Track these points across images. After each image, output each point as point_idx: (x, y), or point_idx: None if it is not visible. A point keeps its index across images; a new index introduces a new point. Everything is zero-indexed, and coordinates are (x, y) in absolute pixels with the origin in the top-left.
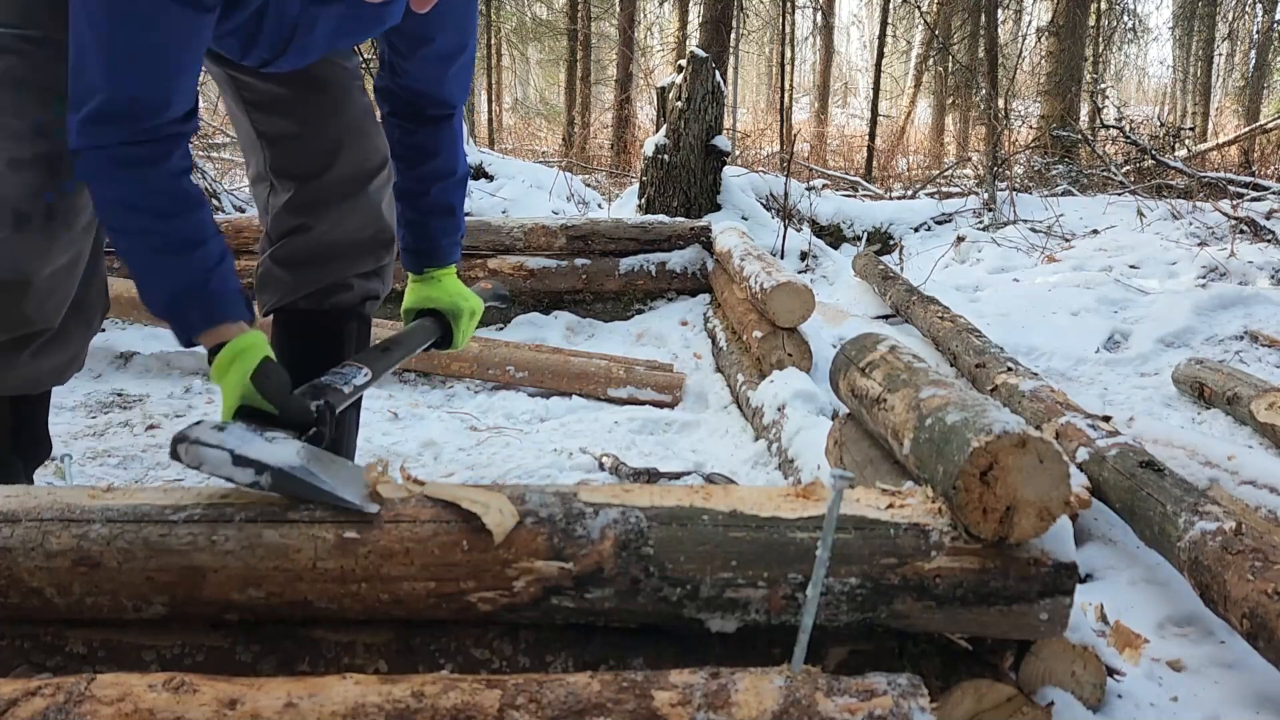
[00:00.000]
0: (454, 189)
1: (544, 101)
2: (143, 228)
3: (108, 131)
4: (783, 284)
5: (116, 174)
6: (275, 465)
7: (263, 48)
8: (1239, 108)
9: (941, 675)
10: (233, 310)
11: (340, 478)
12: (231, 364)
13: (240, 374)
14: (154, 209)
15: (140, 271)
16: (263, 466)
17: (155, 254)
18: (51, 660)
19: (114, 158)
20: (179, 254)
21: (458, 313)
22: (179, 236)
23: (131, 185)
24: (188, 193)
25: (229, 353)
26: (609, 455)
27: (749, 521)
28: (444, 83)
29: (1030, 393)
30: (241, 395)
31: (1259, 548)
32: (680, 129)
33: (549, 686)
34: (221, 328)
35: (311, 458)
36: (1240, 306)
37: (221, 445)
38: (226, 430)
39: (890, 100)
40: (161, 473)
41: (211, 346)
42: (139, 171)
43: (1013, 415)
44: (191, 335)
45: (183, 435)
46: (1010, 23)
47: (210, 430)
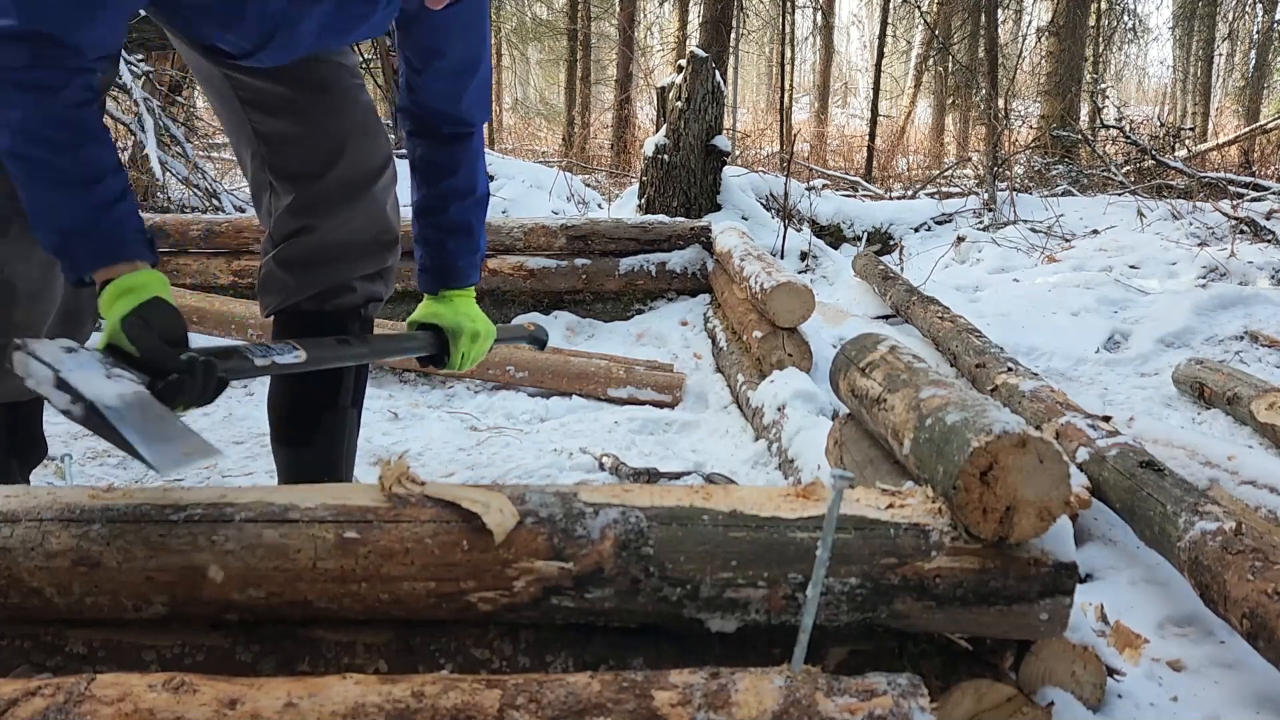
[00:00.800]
0: (473, 208)
1: (544, 101)
2: (38, 158)
3: (8, 51)
4: (783, 284)
5: (14, 96)
6: (89, 398)
7: (242, 35)
8: (1239, 108)
9: (941, 675)
10: (126, 249)
11: (158, 433)
12: (115, 300)
13: (120, 310)
14: (49, 138)
15: (33, 203)
16: (79, 396)
17: (49, 186)
18: (51, 660)
19: (10, 78)
20: (73, 187)
21: (458, 331)
22: (75, 169)
23: (28, 110)
24: (87, 125)
25: (115, 288)
26: (609, 455)
27: (749, 521)
28: (460, 100)
29: (1030, 393)
30: (111, 333)
31: (1259, 548)
32: (680, 129)
33: (549, 686)
34: (114, 267)
35: (138, 405)
36: (1240, 307)
37: (53, 364)
38: (72, 354)
39: (890, 100)
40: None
41: (101, 282)
42: (36, 96)
43: (1013, 415)
44: (82, 272)
45: (21, 343)
46: (1010, 23)
47: (54, 348)
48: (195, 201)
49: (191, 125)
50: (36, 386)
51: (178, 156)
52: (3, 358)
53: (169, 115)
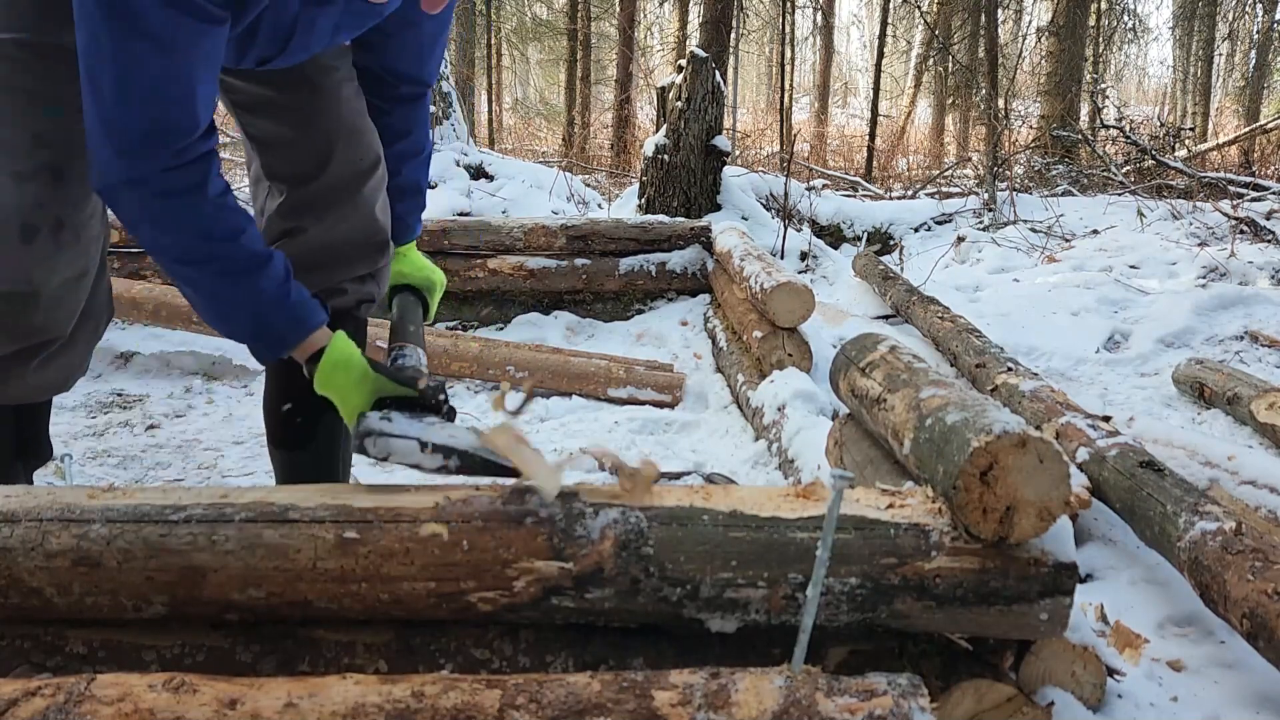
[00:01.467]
0: (421, 167)
1: (544, 101)
2: (208, 255)
3: (142, 163)
4: (783, 284)
5: (164, 206)
6: (461, 449)
7: (260, 48)
8: (1239, 108)
9: (942, 675)
10: (316, 315)
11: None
12: (335, 367)
13: (358, 371)
14: (212, 233)
15: (214, 300)
16: (450, 451)
17: (227, 279)
18: (51, 660)
19: (156, 190)
20: (252, 274)
21: (431, 286)
22: (245, 256)
23: (190, 214)
24: (237, 211)
25: (330, 358)
26: (609, 455)
27: (749, 521)
28: (424, 62)
29: (1030, 393)
30: (375, 388)
31: (1259, 548)
32: (680, 129)
33: (549, 686)
34: (311, 338)
35: (476, 434)
36: (1240, 307)
37: (406, 435)
38: (395, 420)
39: (890, 100)
40: (161, 473)
41: (308, 356)
42: (192, 198)
43: (1013, 415)
44: (284, 350)
45: (367, 429)
46: (1010, 23)
47: (384, 421)
48: None
49: None
50: (403, 459)
51: None
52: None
53: None
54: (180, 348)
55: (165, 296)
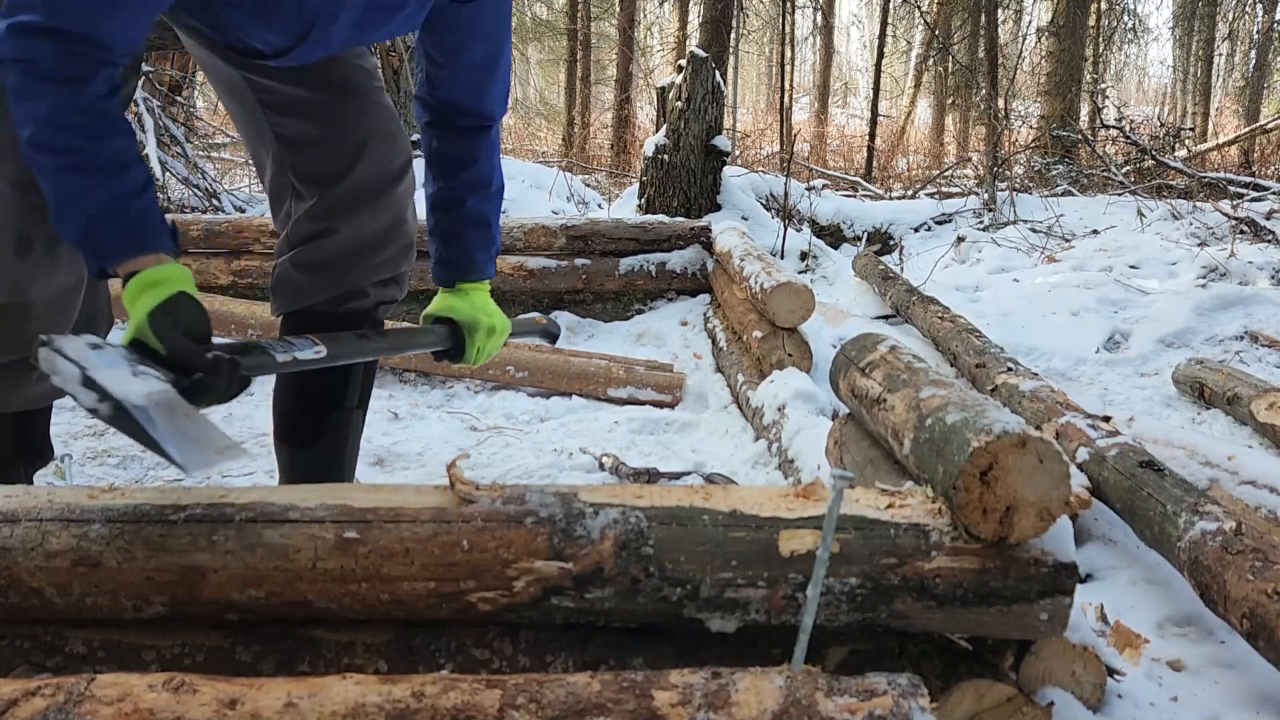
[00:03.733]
0: (490, 201)
1: (544, 101)
2: (65, 146)
3: (35, 46)
4: (783, 284)
5: (41, 88)
6: (116, 397)
7: (274, 33)
8: (1239, 108)
9: (941, 675)
10: (152, 240)
11: (188, 433)
12: (141, 294)
13: (145, 305)
14: (78, 127)
15: (58, 193)
16: (106, 394)
17: (76, 174)
18: (51, 660)
19: (38, 72)
20: (101, 175)
21: (474, 325)
22: (103, 157)
23: (57, 101)
24: (115, 115)
25: (140, 281)
26: (609, 455)
27: (749, 521)
28: (483, 95)
29: (1030, 393)
30: (137, 329)
31: (1259, 548)
32: (680, 129)
33: (549, 686)
34: (139, 258)
35: (165, 404)
36: (1240, 307)
37: (80, 361)
38: (101, 350)
39: (890, 100)
40: (161, 473)
41: (125, 275)
42: (65, 88)
43: (1013, 415)
44: (107, 263)
45: (48, 339)
46: (1010, 23)
47: (80, 344)
48: (195, 201)
49: (191, 125)
50: (63, 384)
51: (177, 156)
52: (18, 371)
53: (169, 115)
54: None
55: None
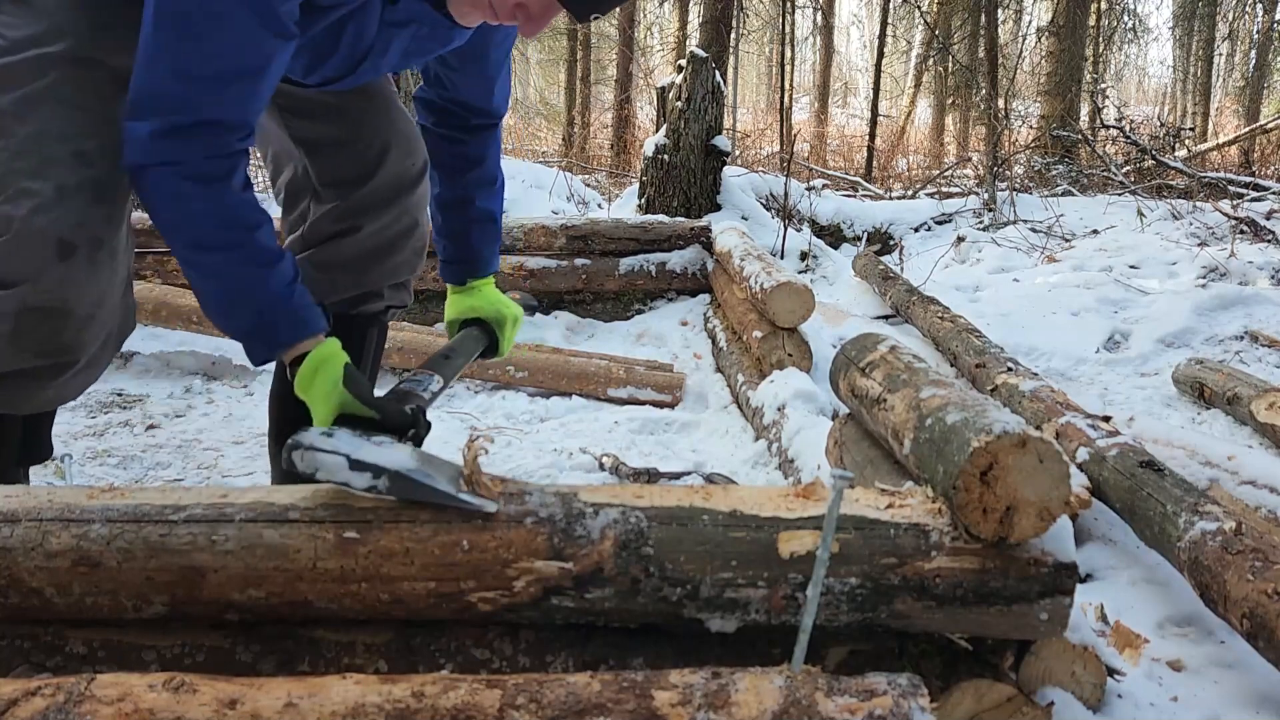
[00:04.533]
0: (495, 197)
1: (544, 101)
2: (229, 242)
3: (184, 148)
4: (783, 284)
5: (191, 191)
6: (392, 469)
7: (330, 67)
8: (1239, 108)
9: (942, 675)
10: (317, 322)
11: (450, 478)
12: (316, 374)
13: (330, 382)
14: (234, 223)
15: (224, 291)
16: (380, 470)
17: (242, 269)
18: (51, 660)
19: (188, 174)
20: (262, 268)
21: (502, 321)
22: (260, 250)
23: (213, 201)
24: (257, 207)
25: (312, 363)
26: (609, 455)
27: (749, 521)
28: (492, 94)
29: (1030, 393)
30: (340, 403)
31: (1259, 548)
32: (680, 129)
33: (549, 686)
34: (304, 342)
35: (423, 460)
36: (1240, 307)
37: (336, 450)
38: (336, 436)
39: (890, 100)
40: (161, 473)
41: (292, 359)
42: (215, 187)
43: (1013, 415)
44: (276, 351)
45: (296, 442)
46: (1010, 23)
47: (321, 436)
48: None
49: None
50: (329, 476)
51: None
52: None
53: None
54: (180, 348)
55: (165, 296)
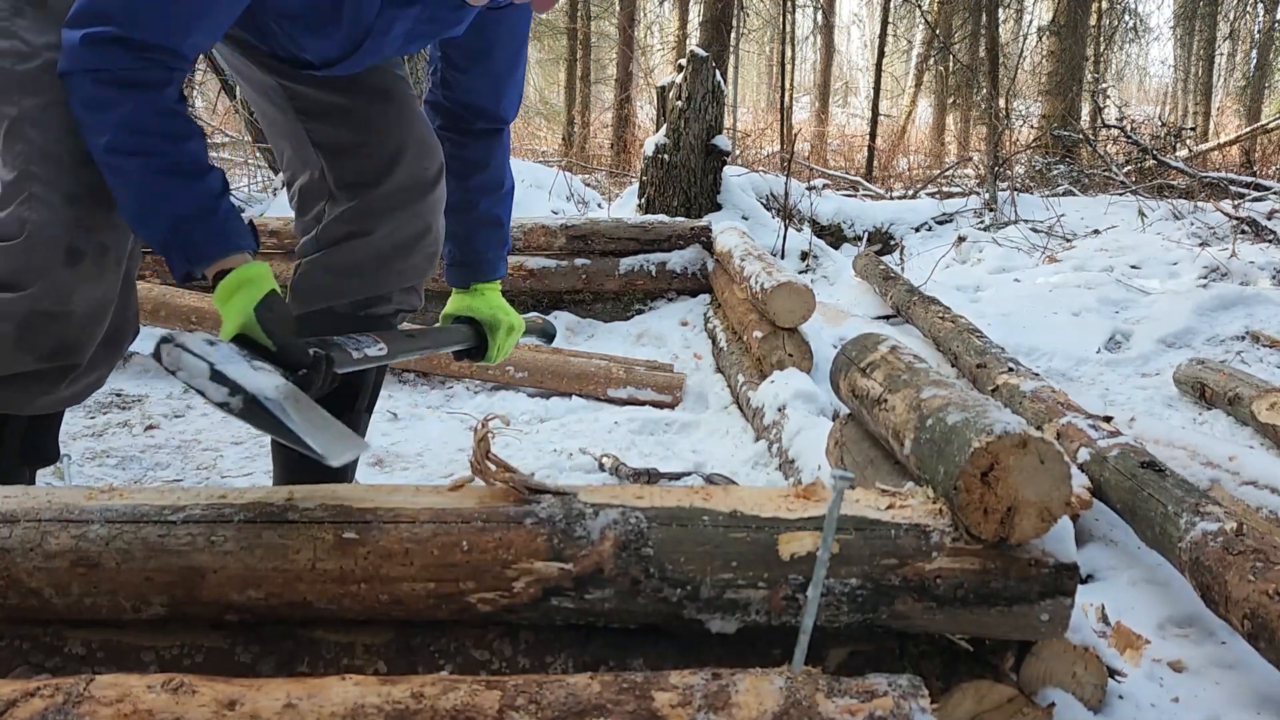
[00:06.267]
0: (502, 201)
1: (544, 101)
2: (147, 149)
3: (110, 55)
4: (783, 284)
5: (117, 95)
6: (250, 390)
7: (330, 45)
8: (1240, 107)
9: (942, 676)
10: (244, 238)
11: (314, 424)
12: (236, 290)
13: (245, 301)
14: (160, 130)
15: (142, 198)
16: (237, 388)
17: (161, 177)
18: (50, 661)
19: (114, 79)
20: (187, 178)
21: (495, 324)
22: (187, 159)
23: (135, 105)
24: (189, 120)
25: (235, 278)
26: (609, 455)
27: (749, 522)
28: (500, 97)
29: (1031, 393)
30: (242, 324)
31: (1260, 548)
32: (680, 128)
33: (549, 687)
34: (228, 258)
35: (290, 395)
36: (1241, 307)
37: (205, 357)
38: (216, 346)
39: (891, 100)
40: (160, 473)
41: (215, 273)
42: (142, 93)
43: (1014, 416)
44: (197, 264)
45: (170, 337)
46: (1011, 22)
47: (200, 341)
48: None
49: None
50: (189, 379)
51: None
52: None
53: None
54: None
55: (165, 296)
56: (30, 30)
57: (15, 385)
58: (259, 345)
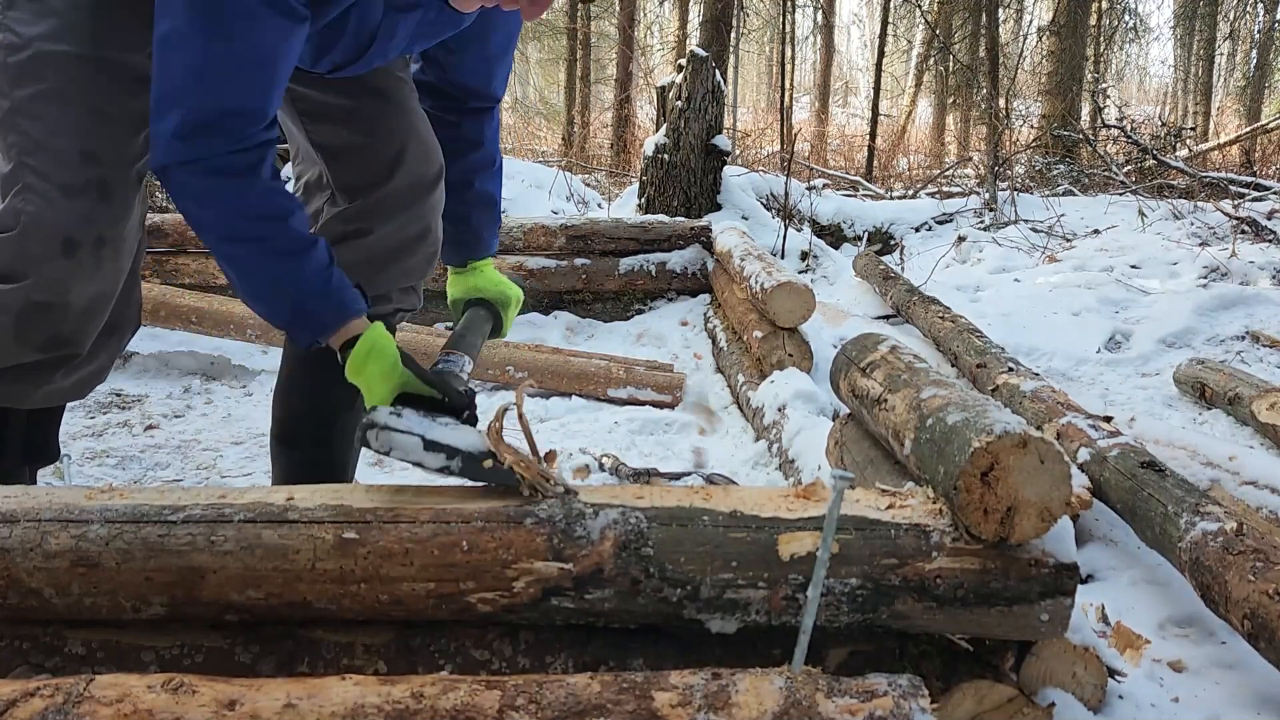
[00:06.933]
0: (494, 179)
1: (544, 101)
2: (259, 235)
3: (206, 144)
4: (783, 284)
5: (219, 185)
6: (465, 450)
7: (338, 53)
8: (1240, 107)
9: (942, 676)
10: (357, 304)
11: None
12: (369, 355)
13: (389, 362)
14: (266, 214)
15: (259, 281)
16: (454, 451)
17: (275, 259)
18: (50, 661)
19: (213, 169)
20: (298, 256)
21: (505, 300)
22: (294, 238)
23: (239, 194)
24: (287, 195)
25: (365, 345)
26: (609, 455)
27: (749, 522)
28: (491, 77)
29: (1031, 393)
30: (401, 383)
31: (1260, 548)
32: (680, 128)
33: (549, 687)
34: (348, 325)
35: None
36: (1241, 307)
37: (411, 431)
38: (405, 417)
39: (891, 100)
40: (160, 473)
41: (341, 344)
42: (244, 179)
43: (1014, 416)
44: (321, 336)
45: (371, 422)
46: (1011, 22)
47: (393, 416)
48: None
49: None
50: (405, 456)
51: None
52: (43, 369)
53: None
54: (179, 348)
55: (164, 296)
56: (22, 22)
57: (14, 378)
58: (424, 398)
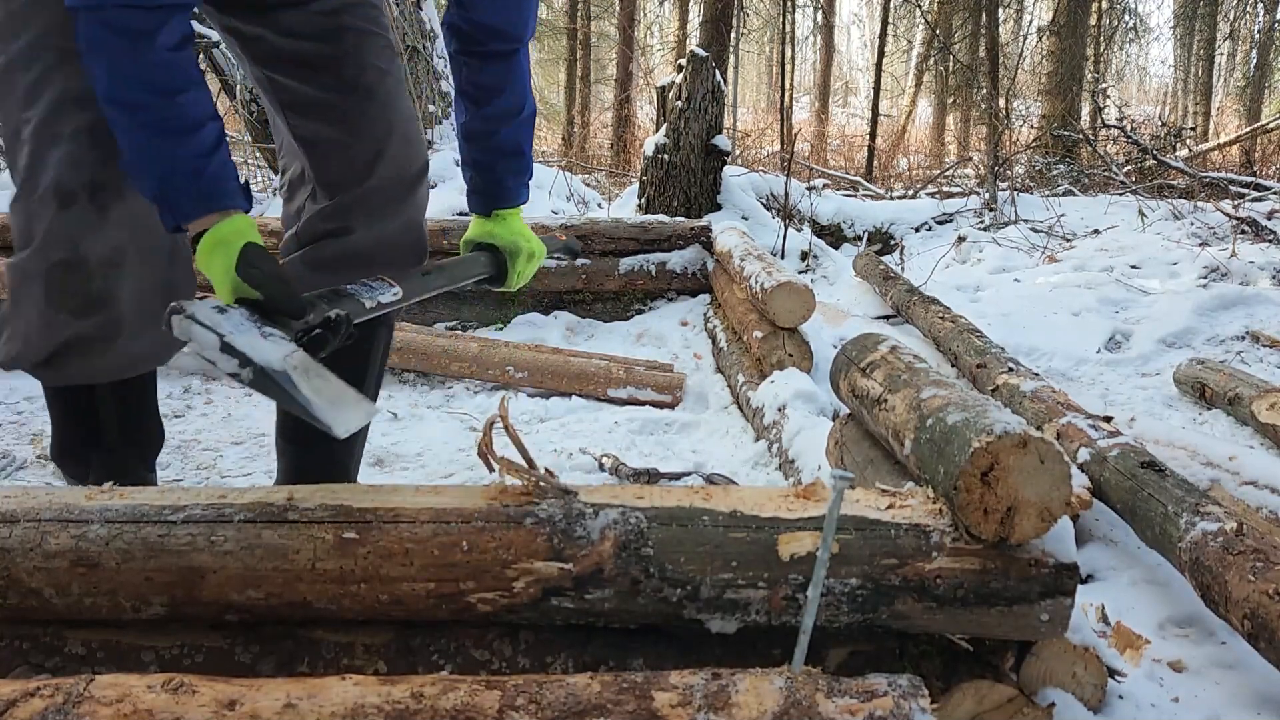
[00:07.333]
0: (522, 127)
1: (544, 101)
2: (138, 102)
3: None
4: (783, 284)
5: (112, 41)
6: (259, 362)
7: None
8: (1240, 107)
9: (942, 676)
10: (227, 198)
11: (324, 394)
12: (213, 251)
13: (226, 261)
14: (152, 82)
15: (131, 149)
16: (247, 360)
17: (149, 132)
18: (50, 661)
19: (111, 22)
20: (176, 135)
21: (516, 250)
22: (174, 116)
23: (129, 55)
24: (185, 68)
25: (210, 240)
26: (609, 455)
27: (749, 522)
28: (516, 15)
29: (1031, 393)
30: (232, 286)
31: (1260, 548)
32: (680, 128)
33: (549, 687)
34: (211, 216)
35: (302, 366)
36: (1241, 307)
37: (215, 328)
38: (226, 314)
39: (891, 100)
40: (160, 473)
41: (196, 232)
42: (138, 42)
43: (1014, 416)
44: (180, 222)
45: (180, 307)
46: (1011, 22)
47: (210, 310)
48: None
49: None
50: (200, 351)
51: None
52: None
53: None
54: None
55: None
56: None
57: (67, 354)
58: (261, 304)
